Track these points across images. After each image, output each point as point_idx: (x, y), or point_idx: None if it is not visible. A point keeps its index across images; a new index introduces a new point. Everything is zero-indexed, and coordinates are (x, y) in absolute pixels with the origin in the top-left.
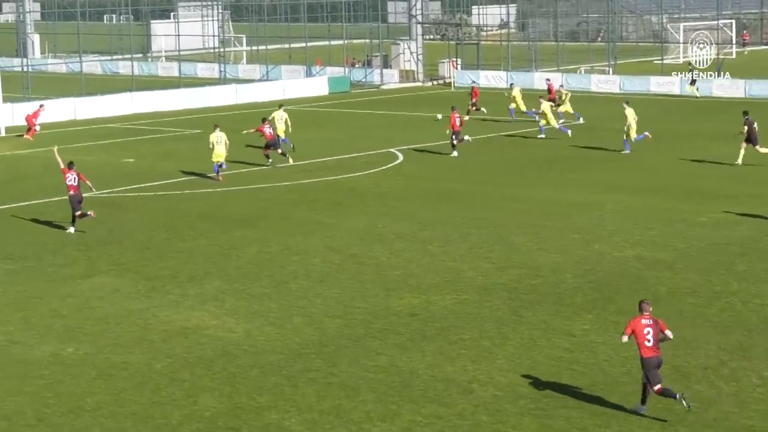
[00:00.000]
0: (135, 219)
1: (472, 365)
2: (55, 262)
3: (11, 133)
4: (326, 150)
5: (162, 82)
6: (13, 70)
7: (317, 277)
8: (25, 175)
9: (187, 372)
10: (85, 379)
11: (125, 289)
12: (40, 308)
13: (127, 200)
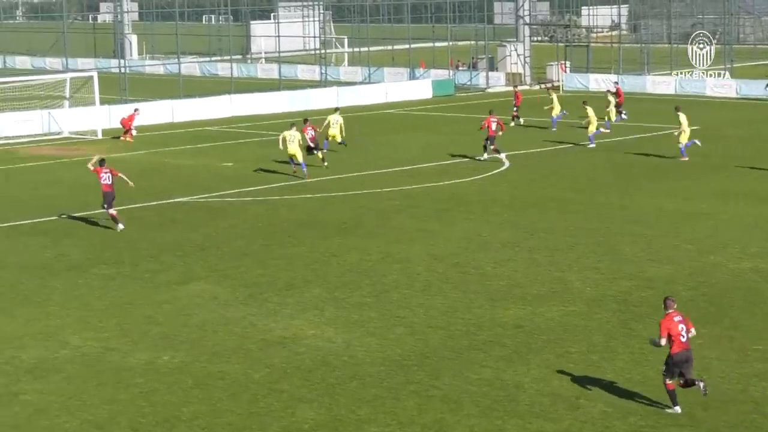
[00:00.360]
0: (233, 225)
1: (579, 380)
2: (151, 267)
3: (108, 136)
4: (429, 155)
5: (261, 84)
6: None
7: (419, 286)
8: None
9: (286, 382)
10: (181, 388)
11: (223, 297)
12: (136, 315)
13: (226, 205)
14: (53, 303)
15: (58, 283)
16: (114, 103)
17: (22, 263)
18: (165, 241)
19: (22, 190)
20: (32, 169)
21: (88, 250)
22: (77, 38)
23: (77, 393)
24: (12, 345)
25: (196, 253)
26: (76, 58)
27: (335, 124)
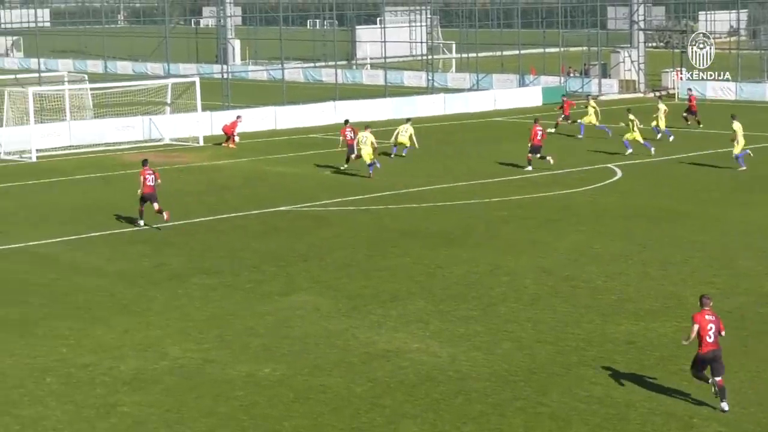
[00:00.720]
0: (336, 234)
1: (693, 398)
2: (252, 278)
3: (209, 143)
4: (539, 164)
5: (367, 90)
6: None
7: (528, 299)
8: (223, 186)
9: (389, 397)
10: (282, 402)
11: (325, 308)
12: (237, 326)
13: (329, 214)
14: (153, 313)
15: (157, 293)
16: (216, 110)
17: (121, 272)
18: (267, 251)
19: (122, 198)
20: (133, 177)
21: (189, 260)
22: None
23: (176, 405)
24: (111, 355)
25: (299, 264)
26: (178, 63)
27: (405, 132)
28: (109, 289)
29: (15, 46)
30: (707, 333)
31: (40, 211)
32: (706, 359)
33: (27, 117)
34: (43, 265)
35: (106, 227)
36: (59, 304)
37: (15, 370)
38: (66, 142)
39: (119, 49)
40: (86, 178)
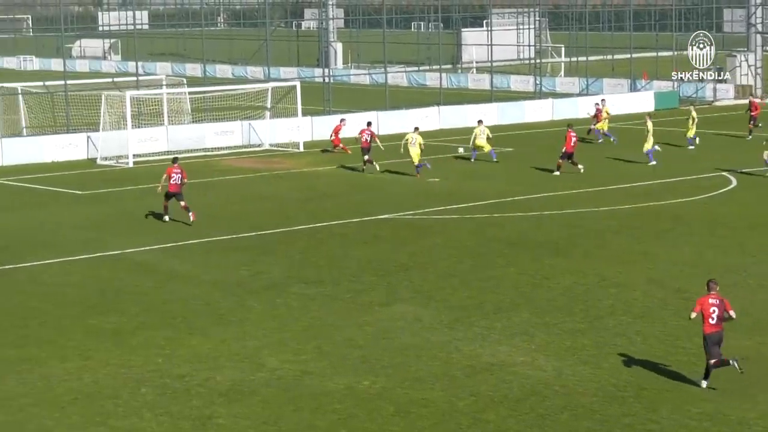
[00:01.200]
0: (439, 243)
1: None
2: (352, 287)
3: (309, 149)
4: (651, 173)
5: (472, 95)
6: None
7: (637, 312)
8: (324, 193)
9: (492, 412)
10: (382, 416)
11: (427, 320)
12: (336, 337)
13: (432, 222)
14: (250, 323)
15: (255, 302)
16: (317, 115)
17: (218, 281)
18: (367, 260)
19: (220, 204)
20: (231, 183)
21: (288, 268)
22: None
23: (273, 418)
24: (207, 366)
25: (400, 273)
26: (279, 66)
27: (482, 135)
28: (205, 298)
29: (113, 49)
30: (710, 315)
31: (137, 217)
32: (714, 339)
33: (124, 121)
34: (140, 273)
35: (203, 234)
36: (155, 312)
37: (110, 380)
38: (163, 147)
39: (219, 52)
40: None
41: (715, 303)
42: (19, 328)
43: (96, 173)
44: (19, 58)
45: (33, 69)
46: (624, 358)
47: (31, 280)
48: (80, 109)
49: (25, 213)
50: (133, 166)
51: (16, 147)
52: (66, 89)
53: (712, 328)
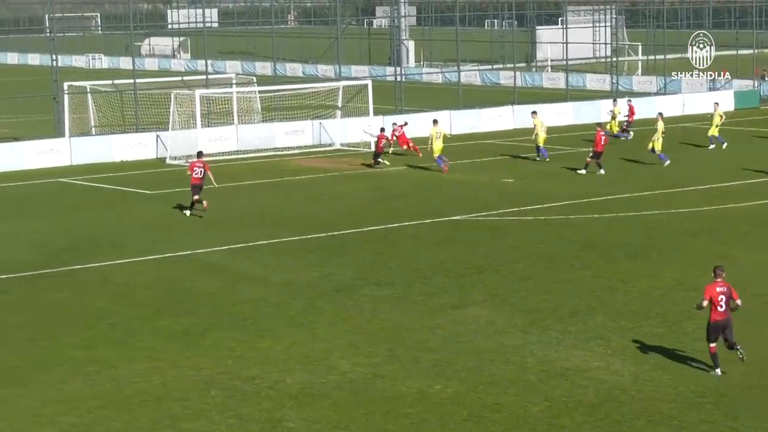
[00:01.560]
0: (514, 245)
1: None
2: (424, 290)
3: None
4: (731, 174)
5: (546, 94)
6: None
7: None
8: (395, 193)
9: (567, 418)
10: (454, 420)
11: (500, 323)
12: (408, 340)
13: (506, 224)
14: (320, 325)
15: (325, 304)
16: (389, 114)
17: (288, 282)
18: (440, 262)
19: (290, 205)
20: (302, 183)
21: (358, 270)
22: (351, 44)
23: (344, 422)
24: (278, 368)
25: (473, 276)
26: (350, 65)
27: (542, 128)
28: (275, 299)
29: (182, 47)
30: (719, 303)
31: (207, 217)
32: (719, 326)
33: (193, 120)
34: (210, 274)
35: (273, 235)
36: (225, 314)
37: (179, 382)
38: (233, 146)
39: (289, 50)
40: (254, 184)
41: (723, 291)
42: (87, 329)
43: (165, 173)
44: (87, 56)
45: (102, 67)
46: (703, 364)
47: (100, 281)
48: (149, 108)
49: (94, 213)
50: None
51: (85, 146)
52: (135, 88)
53: (719, 315)
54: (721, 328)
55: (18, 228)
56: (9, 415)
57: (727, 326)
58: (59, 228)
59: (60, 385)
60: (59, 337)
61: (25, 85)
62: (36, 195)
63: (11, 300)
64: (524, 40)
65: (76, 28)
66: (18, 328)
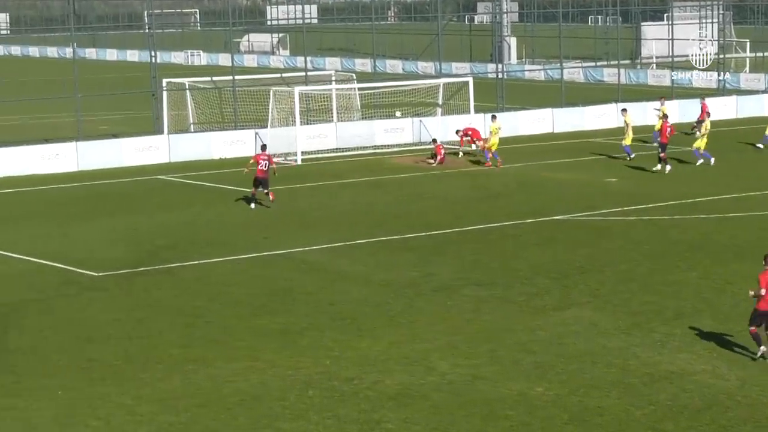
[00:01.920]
0: (617, 246)
1: None
2: (525, 290)
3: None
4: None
5: (651, 91)
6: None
7: None
8: (496, 192)
9: (670, 422)
10: (556, 424)
11: (603, 325)
12: (508, 341)
13: (609, 224)
14: (420, 325)
15: (425, 304)
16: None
17: (388, 281)
18: (542, 262)
19: (390, 203)
20: (401, 181)
21: (459, 270)
22: (452, 41)
23: (443, 424)
24: (376, 369)
25: (576, 276)
26: (451, 62)
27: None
28: (375, 299)
29: (281, 44)
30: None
31: (306, 216)
32: (763, 315)
33: (293, 118)
34: (309, 273)
35: (373, 234)
36: (324, 314)
37: (277, 381)
38: (332, 144)
39: (389, 46)
40: (354, 182)
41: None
42: (185, 328)
43: None
44: (186, 52)
45: (200, 64)
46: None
47: (198, 279)
48: (248, 105)
49: (193, 211)
50: (301, 163)
51: (184, 144)
52: (234, 85)
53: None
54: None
55: (116, 225)
56: (106, 413)
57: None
58: (157, 225)
59: (157, 383)
60: (157, 335)
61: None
62: (134, 192)
63: (109, 297)
64: (629, 36)
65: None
66: (115, 326)
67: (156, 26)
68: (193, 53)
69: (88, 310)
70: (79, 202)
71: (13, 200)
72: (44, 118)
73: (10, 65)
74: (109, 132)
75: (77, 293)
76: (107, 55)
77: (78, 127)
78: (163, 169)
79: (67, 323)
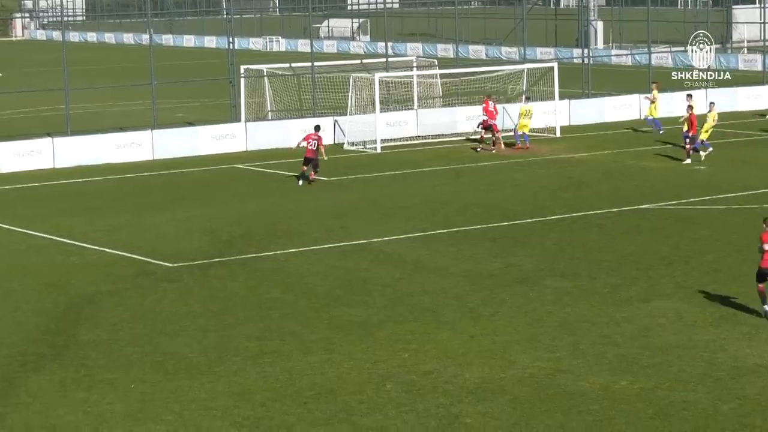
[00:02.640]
0: (704, 236)
1: None
2: (610, 281)
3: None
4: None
5: (742, 77)
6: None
7: None
8: (580, 181)
9: (759, 417)
10: (640, 418)
11: (690, 317)
12: (591, 333)
13: (696, 213)
14: (501, 317)
15: (506, 296)
16: (575, 98)
17: (468, 272)
18: (627, 253)
19: (471, 192)
20: (483, 169)
21: (541, 260)
22: (537, 25)
23: (523, 418)
24: (455, 362)
25: (662, 267)
26: (535, 47)
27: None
28: (455, 290)
29: (361, 29)
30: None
31: (385, 205)
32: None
33: (372, 105)
34: (386, 264)
35: (453, 224)
36: (402, 306)
37: (354, 374)
38: (413, 132)
39: (472, 31)
40: (434, 171)
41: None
42: (261, 320)
43: (342, 158)
44: (265, 38)
45: (279, 50)
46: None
47: (274, 270)
48: (327, 92)
49: (269, 200)
50: (381, 151)
51: (261, 131)
52: (313, 71)
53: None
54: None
55: (192, 215)
56: (180, 407)
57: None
58: (233, 215)
59: (232, 376)
60: (232, 327)
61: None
62: (211, 181)
63: (183, 289)
64: (719, 20)
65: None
66: (190, 318)
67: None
68: (272, 39)
69: (162, 302)
70: (155, 192)
71: (87, 190)
72: (120, 106)
73: (86, 52)
74: (185, 120)
75: (152, 285)
76: (184, 41)
77: (153, 115)
78: (240, 158)
79: (141, 315)
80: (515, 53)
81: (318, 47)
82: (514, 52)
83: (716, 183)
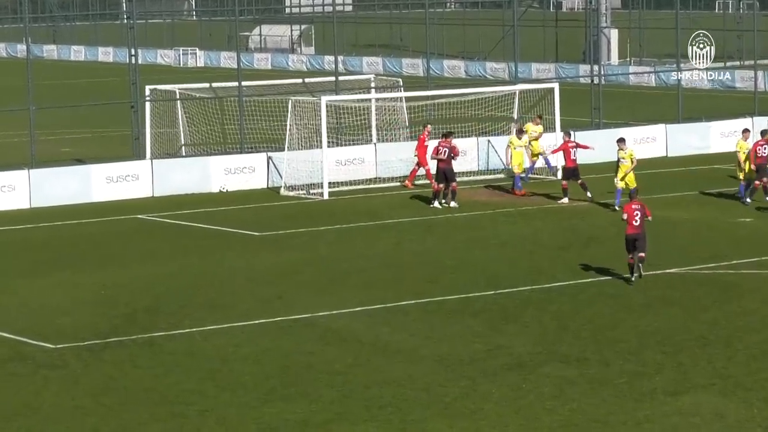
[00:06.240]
0: (751, 309)
1: None
2: (628, 368)
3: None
4: None
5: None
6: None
7: None
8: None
9: None
10: None
11: (733, 415)
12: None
13: (741, 279)
14: (485, 416)
15: (492, 388)
16: (581, 128)
17: (442, 357)
18: (650, 331)
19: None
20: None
21: (538, 341)
22: (532, 34)
23: None
24: None
25: (696, 350)
26: (530, 62)
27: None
28: (425, 380)
29: (304, 39)
30: (633, 219)
31: (334, 269)
32: (630, 239)
33: (318, 137)
34: (336, 345)
35: (422, 293)
36: (356, 400)
37: None
38: (370, 172)
39: (447, 42)
40: (398, 223)
41: (638, 208)
42: (171, 419)
43: (279, 207)
44: (178, 50)
45: (196, 66)
46: None
47: (189, 353)
48: (259, 120)
49: (182, 261)
50: (328, 198)
51: (172, 171)
52: (240, 93)
53: (633, 229)
54: (632, 240)
55: (81, 280)
56: None
57: (638, 239)
58: (135, 281)
59: None
60: (133, 428)
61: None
62: (106, 236)
63: (69, 377)
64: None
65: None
66: (77, 417)
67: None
68: (187, 51)
69: (42, 395)
70: (33, 251)
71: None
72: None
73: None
74: (72, 156)
75: (28, 373)
76: (72, 53)
77: (31, 151)
78: (145, 206)
79: (12, 413)
80: (503, 70)
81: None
82: (503, 69)
83: (767, 240)
